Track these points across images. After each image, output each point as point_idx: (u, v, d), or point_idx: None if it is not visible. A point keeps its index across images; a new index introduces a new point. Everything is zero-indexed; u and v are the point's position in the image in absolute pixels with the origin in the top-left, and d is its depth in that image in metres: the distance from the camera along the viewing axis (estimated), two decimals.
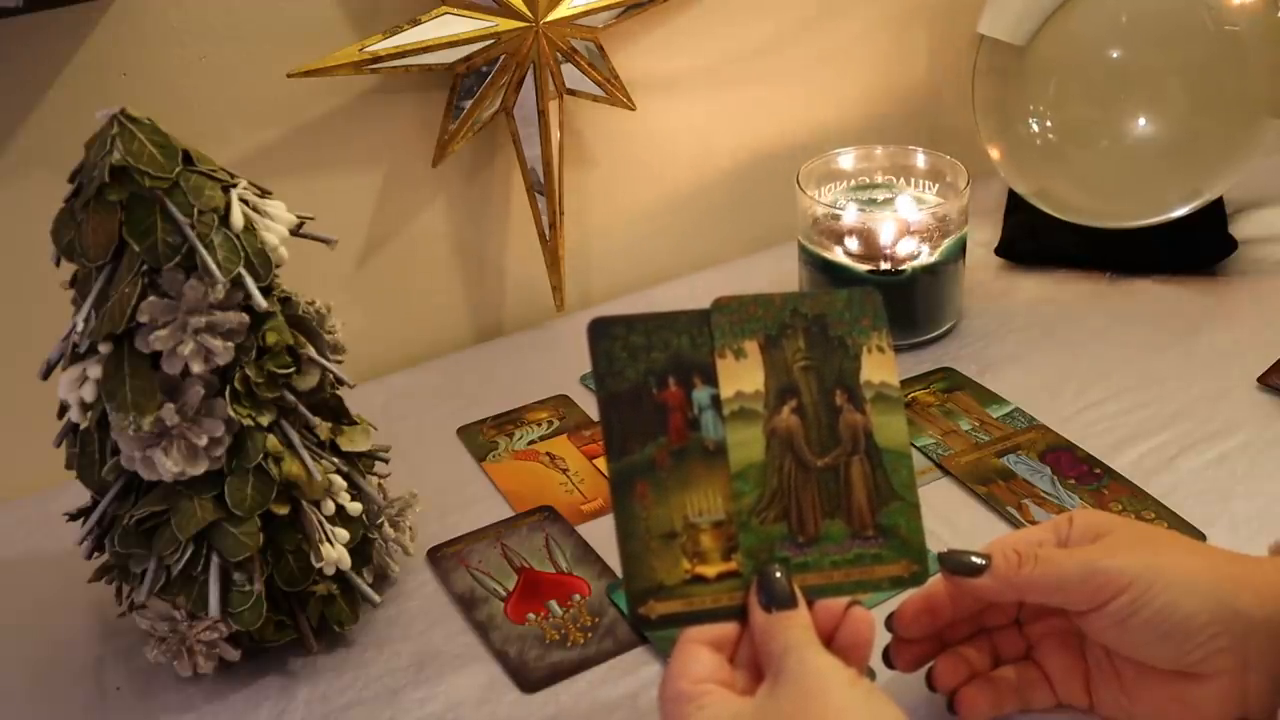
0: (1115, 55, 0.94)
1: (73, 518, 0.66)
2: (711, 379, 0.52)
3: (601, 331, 0.52)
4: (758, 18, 1.01)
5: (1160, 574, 0.51)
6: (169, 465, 0.59)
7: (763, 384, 0.52)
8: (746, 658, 0.50)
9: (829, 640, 0.50)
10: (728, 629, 0.50)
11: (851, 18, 1.05)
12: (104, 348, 0.59)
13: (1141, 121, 0.94)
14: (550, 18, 0.86)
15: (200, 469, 0.60)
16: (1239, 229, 1.00)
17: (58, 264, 0.61)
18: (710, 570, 0.50)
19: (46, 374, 0.62)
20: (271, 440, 0.62)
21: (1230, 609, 0.51)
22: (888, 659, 0.57)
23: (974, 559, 0.53)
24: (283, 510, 0.63)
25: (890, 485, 0.52)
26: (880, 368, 0.53)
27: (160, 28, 0.78)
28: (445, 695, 0.65)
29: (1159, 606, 0.51)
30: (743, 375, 0.52)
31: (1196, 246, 0.98)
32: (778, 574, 0.50)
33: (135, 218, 0.58)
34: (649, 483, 0.50)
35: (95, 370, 0.59)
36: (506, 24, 0.85)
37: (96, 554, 0.65)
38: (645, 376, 0.51)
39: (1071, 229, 0.98)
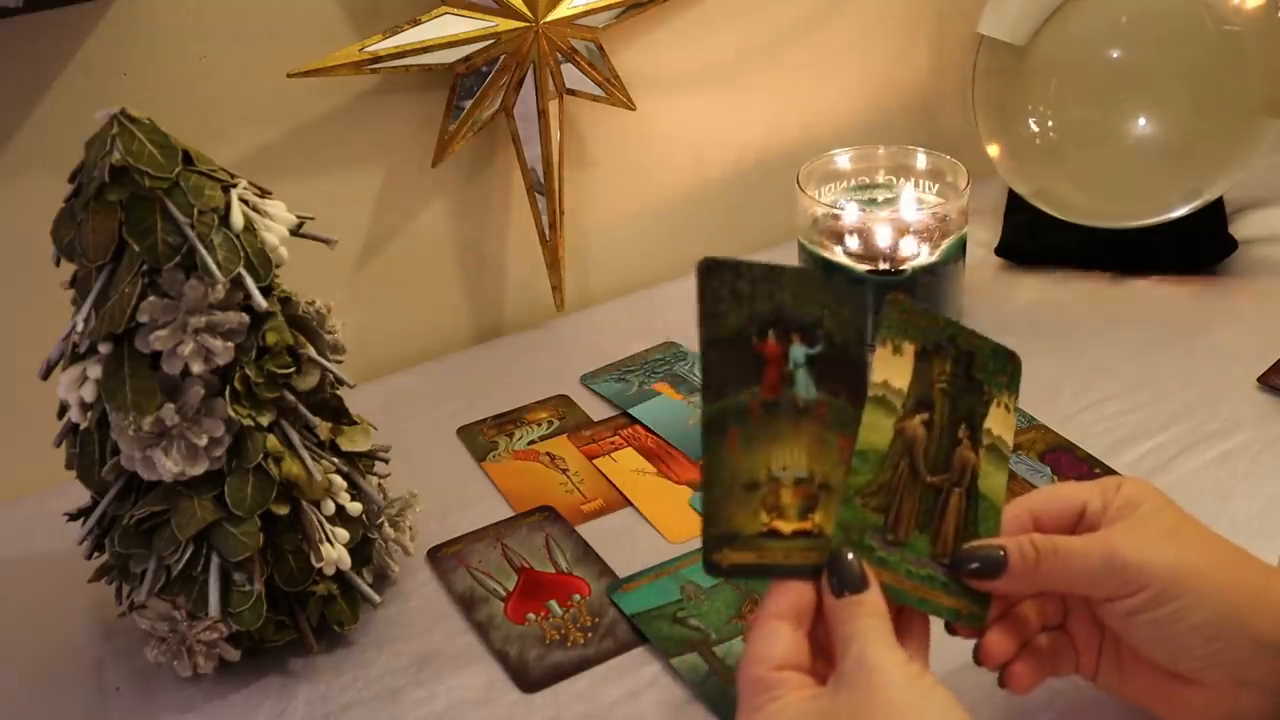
0: (1115, 55, 0.94)
1: (73, 518, 0.66)
2: (811, 338, 0.52)
3: (712, 271, 0.51)
4: (758, 18, 1.01)
5: (1179, 578, 0.51)
6: (169, 465, 0.59)
7: (908, 386, 0.53)
8: (822, 633, 0.50)
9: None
10: (806, 600, 0.50)
11: (852, 18, 1.05)
12: (104, 348, 0.59)
13: (1141, 121, 0.94)
14: (550, 18, 0.86)
15: (200, 469, 0.60)
16: (1239, 229, 1.00)
17: (58, 264, 0.61)
18: (786, 526, 0.50)
19: (46, 374, 0.62)
20: (271, 440, 0.62)
21: (1238, 626, 0.51)
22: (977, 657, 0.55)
23: (991, 556, 0.53)
24: (283, 510, 0.63)
25: (975, 528, 0.54)
26: (1001, 423, 0.56)
27: (160, 28, 0.78)
28: (445, 695, 0.65)
29: (1169, 611, 0.51)
30: (895, 370, 0.53)
31: (1196, 246, 0.98)
32: (850, 556, 0.50)
33: (135, 217, 0.58)
34: (740, 430, 0.50)
35: (95, 370, 0.59)
36: (506, 24, 0.85)
37: (96, 554, 0.65)
38: (748, 324, 0.51)
39: (1071, 229, 0.98)
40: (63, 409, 0.62)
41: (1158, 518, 0.53)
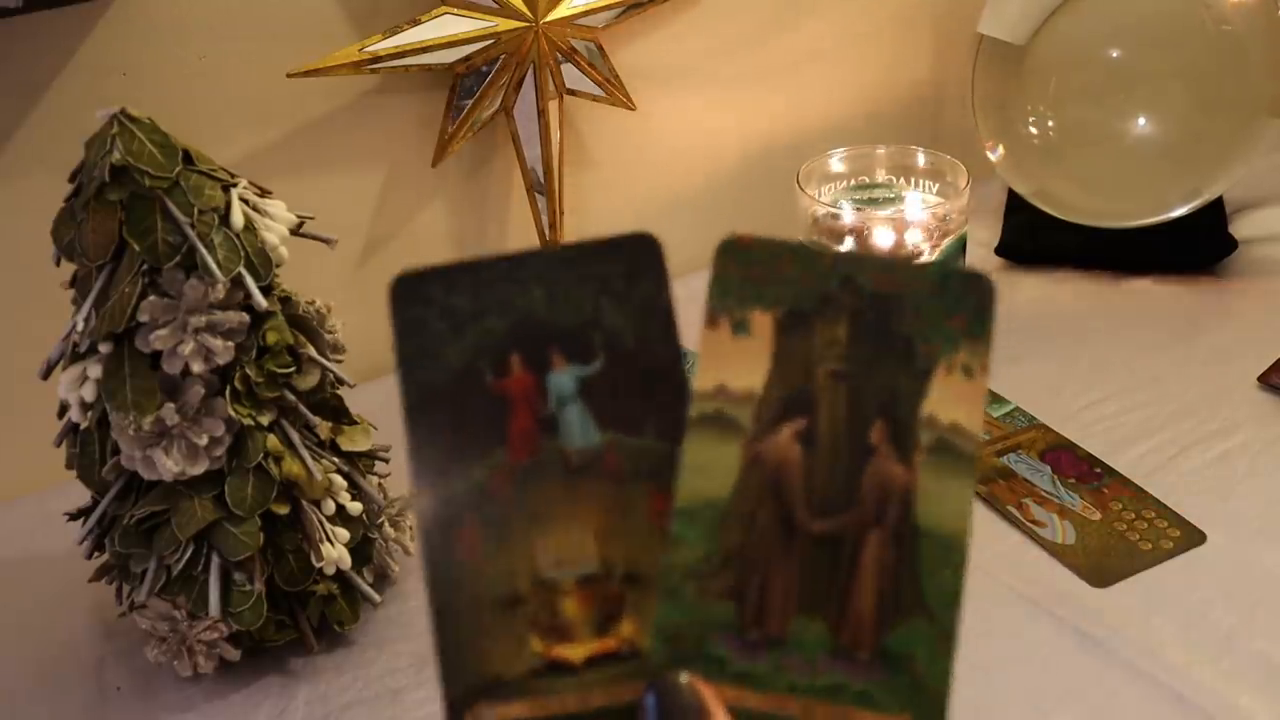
0: (1115, 55, 0.94)
1: (73, 517, 0.66)
2: (582, 349, 0.34)
3: (407, 290, 0.35)
4: (758, 18, 1.01)
5: None
6: (169, 465, 0.59)
7: (763, 382, 0.34)
8: None
9: None
10: None
11: (852, 18, 1.05)
12: (104, 347, 0.59)
13: (1141, 121, 0.94)
14: (550, 17, 0.86)
15: (200, 468, 0.60)
16: (1239, 229, 1.00)
17: (58, 264, 0.61)
18: (576, 652, 0.33)
19: (47, 373, 0.62)
20: (272, 440, 0.62)
21: None
22: None
23: None
24: (283, 510, 0.63)
25: (919, 591, 0.33)
26: (959, 402, 0.35)
27: (160, 27, 0.78)
28: None
29: None
30: (735, 361, 0.34)
31: (1196, 246, 0.98)
32: (680, 681, 0.32)
33: (135, 217, 0.58)
34: (479, 523, 0.33)
35: (95, 370, 0.59)
36: (506, 24, 0.85)
37: (97, 554, 0.65)
38: (474, 358, 0.35)
39: (1072, 229, 0.98)
40: (63, 409, 0.62)
41: None
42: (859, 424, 0.34)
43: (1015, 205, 1.03)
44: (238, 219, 0.60)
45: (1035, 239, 1.00)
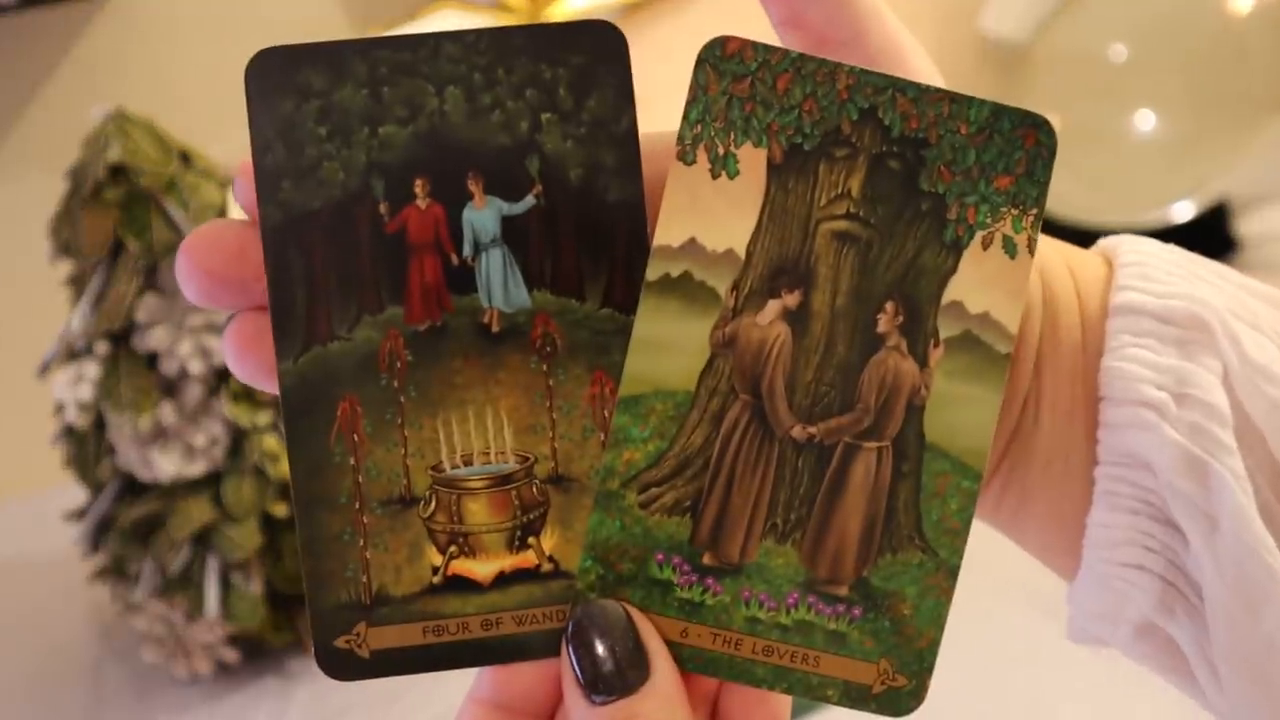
0: (1117, 54, 0.93)
1: (71, 518, 0.66)
2: (509, 183, 0.27)
3: (275, 79, 0.26)
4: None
5: None
6: (166, 465, 0.59)
7: (748, 241, 0.27)
8: None
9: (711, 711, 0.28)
10: (539, 684, 0.28)
11: None
12: (101, 347, 0.59)
13: (1144, 120, 0.94)
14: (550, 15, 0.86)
15: (198, 469, 0.60)
16: (1240, 228, 1.00)
17: (54, 262, 0.61)
18: (484, 568, 0.27)
19: (43, 371, 0.62)
20: (270, 440, 0.62)
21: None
22: None
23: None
24: (281, 511, 0.62)
25: (916, 519, 0.27)
26: (995, 286, 0.27)
27: (157, 26, 0.78)
28: (445, 698, 0.64)
29: None
30: (713, 210, 0.27)
31: (1196, 246, 0.97)
32: (611, 610, 0.26)
33: (132, 215, 0.58)
34: (363, 401, 0.27)
35: (93, 370, 0.59)
36: (506, 21, 0.85)
37: (94, 555, 0.65)
38: (364, 179, 0.26)
39: (1072, 229, 0.98)
40: (59, 408, 0.62)
41: None
42: (866, 305, 0.27)
43: None
44: (236, 217, 0.60)
45: None
